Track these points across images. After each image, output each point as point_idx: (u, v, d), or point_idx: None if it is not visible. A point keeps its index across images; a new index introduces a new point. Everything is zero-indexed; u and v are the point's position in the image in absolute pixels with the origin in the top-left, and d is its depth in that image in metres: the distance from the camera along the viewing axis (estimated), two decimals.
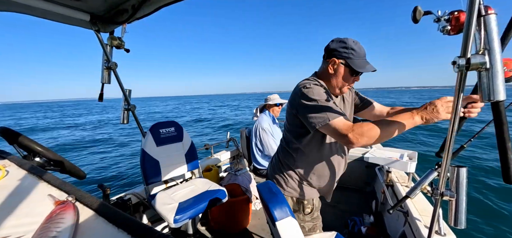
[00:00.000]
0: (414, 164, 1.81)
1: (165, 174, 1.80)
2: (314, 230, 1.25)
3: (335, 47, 1.05)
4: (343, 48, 1.04)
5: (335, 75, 1.08)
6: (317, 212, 1.26)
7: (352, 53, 1.03)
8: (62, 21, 1.42)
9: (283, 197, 0.98)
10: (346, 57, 1.04)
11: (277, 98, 2.50)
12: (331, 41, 1.09)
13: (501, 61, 0.55)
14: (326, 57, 1.10)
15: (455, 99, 0.61)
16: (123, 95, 1.79)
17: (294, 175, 1.19)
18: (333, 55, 1.06)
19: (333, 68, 1.07)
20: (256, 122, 2.46)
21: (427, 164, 5.50)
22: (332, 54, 1.07)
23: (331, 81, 1.10)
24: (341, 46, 1.04)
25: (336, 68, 1.07)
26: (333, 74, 1.08)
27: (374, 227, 1.99)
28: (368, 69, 1.05)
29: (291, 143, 1.16)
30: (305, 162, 1.16)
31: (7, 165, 0.87)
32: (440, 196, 0.72)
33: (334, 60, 1.06)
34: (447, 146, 0.66)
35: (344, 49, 1.03)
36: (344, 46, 1.03)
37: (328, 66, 1.08)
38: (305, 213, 1.21)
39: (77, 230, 0.57)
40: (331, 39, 1.10)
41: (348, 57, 1.03)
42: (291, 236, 0.88)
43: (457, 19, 0.69)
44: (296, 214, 1.22)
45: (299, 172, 1.18)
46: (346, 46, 1.03)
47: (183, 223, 1.46)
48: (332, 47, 1.07)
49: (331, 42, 1.08)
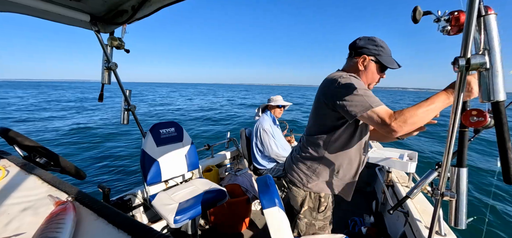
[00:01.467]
0: (414, 164, 1.81)
1: (165, 174, 1.80)
2: (323, 230, 1.26)
3: (365, 45, 1.09)
4: (373, 45, 1.08)
5: (365, 71, 1.11)
6: (330, 211, 1.27)
7: (381, 50, 1.08)
8: (62, 21, 1.42)
9: (276, 190, 1.06)
10: (376, 54, 1.08)
11: (280, 100, 2.50)
12: (358, 39, 1.12)
13: (501, 61, 0.55)
14: (354, 55, 1.12)
15: (455, 99, 0.61)
16: (123, 95, 1.79)
17: (318, 170, 1.17)
18: (363, 52, 1.09)
19: (363, 64, 1.10)
20: (257, 122, 2.46)
21: (427, 164, 5.50)
22: (361, 51, 1.10)
23: (361, 77, 1.11)
24: (371, 43, 1.09)
25: (366, 65, 1.10)
26: (363, 70, 1.11)
27: (375, 227, 1.99)
28: (395, 66, 1.11)
29: (318, 137, 1.14)
30: (332, 157, 1.14)
31: (7, 165, 0.87)
32: (440, 196, 0.72)
33: (365, 57, 1.09)
34: (447, 146, 0.66)
35: (374, 46, 1.08)
36: (374, 44, 1.08)
37: (358, 63, 1.11)
38: (319, 211, 1.22)
39: (77, 230, 0.57)
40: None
41: (378, 54, 1.08)
42: (277, 225, 0.96)
43: (457, 19, 0.69)
44: (310, 211, 1.23)
45: (324, 168, 1.16)
46: (375, 44, 1.08)
47: (183, 223, 1.46)
48: (361, 45, 1.10)
49: (359, 40, 1.11)
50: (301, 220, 1.25)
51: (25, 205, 0.68)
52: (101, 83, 1.65)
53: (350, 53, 1.15)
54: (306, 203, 1.22)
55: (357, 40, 1.12)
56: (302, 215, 1.24)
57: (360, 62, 1.10)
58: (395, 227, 1.84)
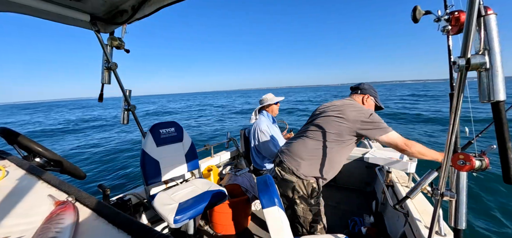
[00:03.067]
0: (414, 164, 1.81)
1: (165, 174, 1.80)
2: (319, 215, 1.46)
3: (368, 88, 1.58)
4: (373, 90, 1.60)
5: (367, 105, 1.56)
6: (321, 197, 1.50)
7: (376, 94, 1.60)
8: (62, 21, 1.42)
9: (275, 190, 1.13)
10: (375, 96, 1.60)
11: (273, 97, 2.48)
12: (363, 84, 1.60)
13: (501, 62, 0.55)
14: (360, 92, 1.58)
15: (455, 99, 0.61)
16: (123, 95, 1.78)
17: (322, 163, 1.41)
18: (367, 92, 1.58)
19: (366, 101, 1.57)
20: (254, 124, 2.44)
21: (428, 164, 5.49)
22: (366, 91, 1.58)
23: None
24: (372, 89, 1.59)
25: (367, 101, 1.57)
26: (366, 105, 1.55)
27: (374, 227, 1.99)
28: (382, 107, 1.66)
29: (329, 142, 1.39)
30: (335, 161, 1.44)
31: (7, 165, 0.87)
32: (440, 196, 0.72)
33: (368, 96, 1.58)
34: (447, 146, 0.66)
35: (373, 91, 1.59)
36: (373, 89, 1.60)
37: (364, 99, 1.57)
38: (311, 196, 1.43)
39: (77, 230, 0.57)
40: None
41: (375, 96, 1.60)
42: (276, 224, 0.97)
43: (457, 19, 0.69)
44: (304, 197, 1.43)
45: (324, 163, 1.41)
46: (374, 89, 1.60)
47: (183, 223, 1.46)
48: (366, 87, 1.59)
49: (364, 84, 1.60)
50: (298, 205, 1.43)
51: (25, 205, 0.68)
52: (101, 83, 1.65)
53: (356, 91, 1.60)
54: (299, 189, 1.42)
55: (361, 83, 1.61)
56: (298, 200, 1.43)
57: (365, 98, 1.57)
58: (395, 227, 1.84)
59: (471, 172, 0.67)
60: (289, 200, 1.46)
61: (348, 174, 2.78)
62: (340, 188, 2.82)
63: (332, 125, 1.39)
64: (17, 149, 1.09)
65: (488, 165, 0.66)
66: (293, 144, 1.49)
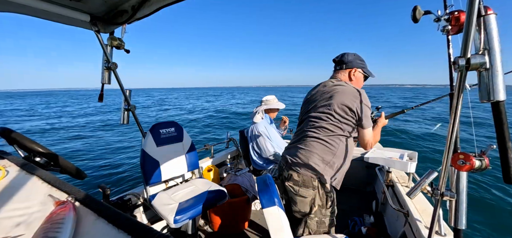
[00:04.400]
0: (414, 164, 1.81)
1: (165, 174, 1.80)
2: (332, 225, 1.32)
3: (353, 59, 1.35)
4: (359, 60, 1.36)
5: (356, 80, 1.37)
6: (335, 205, 1.34)
7: (364, 64, 1.38)
8: (62, 21, 1.42)
9: (275, 189, 1.09)
10: (362, 66, 1.37)
11: (275, 101, 2.48)
12: (346, 55, 1.36)
13: (501, 61, 0.55)
14: (345, 67, 1.35)
15: (455, 99, 0.61)
16: (123, 95, 1.79)
17: (330, 168, 1.26)
18: (352, 65, 1.34)
19: (354, 75, 1.36)
20: (251, 126, 2.45)
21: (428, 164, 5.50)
22: (351, 65, 1.34)
23: (353, 85, 1.33)
24: (358, 58, 1.36)
25: (356, 75, 1.36)
26: (354, 80, 1.36)
27: (375, 227, 1.99)
28: (372, 75, 1.44)
29: (334, 135, 1.25)
30: (339, 157, 1.28)
31: (7, 165, 0.87)
32: (440, 196, 0.72)
33: (355, 69, 1.35)
34: (447, 146, 0.66)
35: (359, 61, 1.36)
36: (359, 59, 1.36)
37: (350, 74, 1.36)
38: (327, 207, 1.28)
39: (77, 230, 0.57)
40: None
41: (363, 67, 1.37)
42: (276, 224, 0.96)
43: (457, 19, 0.69)
44: (320, 209, 1.27)
45: (335, 167, 1.27)
46: (360, 59, 1.37)
47: (183, 223, 1.46)
48: (350, 59, 1.35)
49: (347, 56, 1.35)
50: (312, 219, 1.27)
51: (25, 205, 0.68)
52: (101, 83, 1.65)
53: (341, 66, 1.37)
54: (316, 203, 1.25)
55: (344, 55, 1.36)
56: (313, 215, 1.26)
57: (352, 73, 1.35)
58: (395, 227, 1.84)
59: (471, 172, 0.67)
60: (303, 215, 1.29)
61: (348, 174, 2.77)
62: (340, 188, 2.81)
63: (330, 120, 1.24)
64: (17, 149, 1.09)
65: (488, 165, 0.66)
66: (301, 152, 1.28)
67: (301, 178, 1.24)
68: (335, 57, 1.41)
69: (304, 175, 1.24)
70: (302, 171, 1.24)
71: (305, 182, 1.24)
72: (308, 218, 1.27)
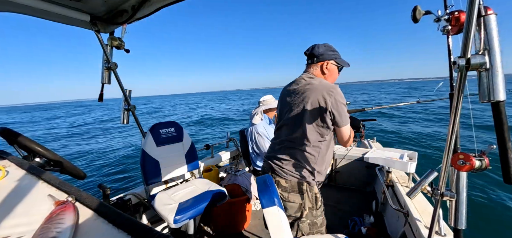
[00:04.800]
0: (414, 164, 1.81)
1: (165, 174, 1.80)
2: (323, 224, 1.31)
3: (324, 51, 1.26)
4: (330, 51, 1.27)
5: (329, 74, 1.29)
6: (323, 204, 1.33)
7: (337, 54, 1.29)
8: (62, 21, 1.42)
9: (275, 189, 1.08)
10: (334, 58, 1.28)
11: (273, 101, 2.48)
12: (317, 47, 1.28)
13: (501, 62, 0.55)
14: (316, 61, 1.27)
15: (455, 99, 0.61)
16: (123, 95, 1.79)
17: (316, 171, 1.24)
18: (324, 58, 1.26)
19: (327, 68, 1.28)
20: (251, 127, 2.45)
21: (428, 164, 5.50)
22: (323, 57, 1.26)
23: (326, 79, 1.28)
24: (329, 49, 1.27)
25: (328, 68, 1.28)
26: (327, 74, 1.29)
27: (374, 227, 1.99)
28: (347, 65, 1.35)
29: (315, 140, 1.21)
30: (322, 157, 1.25)
31: (7, 165, 0.87)
32: (440, 196, 0.72)
33: (327, 62, 1.27)
34: (447, 146, 0.66)
35: (331, 52, 1.27)
36: (331, 49, 1.28)
37: (323, 67, 1.28)
38: (317, 208, 1.28)
39: (77, 230, 0.57)
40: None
41: (336, 58, 1.29)
42: (276, 224, 0.96)
43: (457, 19, 0.69)
44: (310, 211, 1.25)
45: (319, 168, 1.25)
46: (332, 49, 1.28)
47: (183, 223, 1.46)
48: (321, 52, 1.26)
49: (317, 48, 1.27)
50: (303, 223, 1.26)
51: (25, 205, 0.68)
52: (101, 83, 1.65)
53: (312, 60, 1.29)
54: (307, 206, 1.24)
55: (315, 48, 1.28)
56: (305, 217, 1.25)
57: (324, 66, 1.27)
58: (395, 227, 1.84)
59: (471, 172, 0.67)
60: (295, 219, 1.28)
61: (348, 174, 2.78)
62: (340, 188, 2.82)
63: (307, 125, 1.20)
64: (17, 149, 1.09)
65: (488, 165, 0.66)
66: (284, 160, 1.26)
67: (289, 184, 1.24)
68: (306, 50, 1.32)
69: (292, 181, 1.23)
70: (289, 178, 1.24)
71: (293, 187, 1.24)
72: (300, 221, 1.26)
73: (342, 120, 1.16)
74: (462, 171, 0.67)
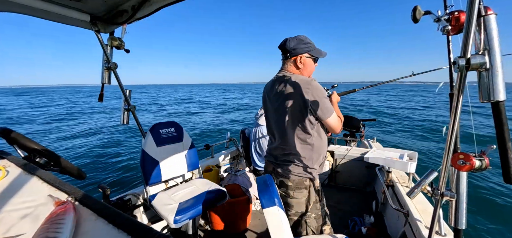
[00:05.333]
0: (414, 164, 1.81)
1: (165, 174, 1.80)
2: (327, 216, 1.35)
3: (296, 45, 1.22)
4: (303, 44, 1.22)
5: (304, 67, 1.26)
6: (324, 198, 1.39)
7: (310, 46, 1.24)
8: (62, 21, 1.42)
9: (275, 189, 1.09)
10: (307, 50, 1.24)
11: None
12: (288, 42, 1.23)
13: (501, 62, 0.55)
14: (290, 56, 1.24)
15: (455, 99, 0.61)
16: (123, 95, 1.79)
17: (314, 165, 1.25)
18: (297, 52, 1.22)
19: (301, 62, 1.24)
20: (255, 127, 2.45)
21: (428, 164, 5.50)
22: (295, 52, 1.22)
23: (303, 73, 1.26)
24: (301, 43, 1.22)
25: (303, 62, 1.24)
26: (302, 68, 1.25)
27: (375, 227, 1.99)
28: (323, 55, 1.30)
29: (304, 139, 1.22)
30: (317, 151, 1.25)
31: (7, 165, 0.87)
32: (440, 196, 0.72)
33: (300, 56, 1.23)
34: (447, 146, 0.66)
35: (304, 45, 1.22)
36: (303, 42, 1.23)
37: (297, 62, 1.24)
38: (319, 200, 1.31)
39: (77, 230, 0.57)
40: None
41: (309, 50, 1.24)
42: (276, 224, 0.97)
43: (457, 19, 0.69)
44: (314, 205, 1.28)
45: (316, 162, 1.26)
46: (304, 42, 1.23)
47: (183, 223, 1.46)
48: (293, 46, 1.22)
49: (289, 42, 1.23)
50: (310, 217, 1.28)
51: (25, 205, 0.68)
52: (101, 83, 1.65)
53: (285, 55, 1.25)
54: (311, 200, 1.27)
55: (287, 42, 1.23)
56: (310, 212, 1.28)
57: (298, 61, 1.23)
58: (395, 227, 1.84)
59: (471, 172, 0.67)
60: (301, 216, 1.29)
61: (348, 174, 2.78)
62: (340, 188, 2.82)
63: (294, 121, 1.20)
64: (17, 149, 1.09)
65: (488, 165, 0.66)
66: (283, 158, 1.28)
67: (293, 182, 1.26)
68: (279, 45, 1.28)
69: (295, 178, 1.25)
70: (292, 176, 1.25)
71: (297, 184, 1.25)
72: (305, 217, 1.28)
73: (324, 113, 1.14)
74: (462, 171, 0.67)
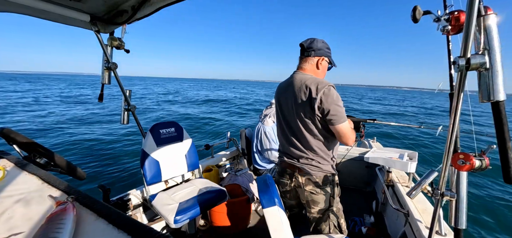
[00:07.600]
0: (415, 164, 1.81)
1: (165, 174, 1.80)
2: (341, 208, 1.38)
3: (322, 47, 1.26)
4: (327, 48, 1.28)
5: (321, 70, 1.29)
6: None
7: (330, 52, 1.30)
8: (62, 22, 1.42)
9: (275, 189, 1.09)
10: (328, 55, 1.29)
11: None
12: (315, 41, 1.26)
13: (501, 61, 0.55)
14: (313, 55, 1.26)
15: (455, 99, 0.61)
16: (123, 95, 1.79)
17: (333, 159, 1.31)
18: (321, 54, 1.26)
19: (320, 64, 1.28)
20: (259, 124, 2.45)
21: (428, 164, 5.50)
22: (320, 53, 1.26)
23: (318, 75, 1.29)
24: (326, 46, 1.28)
25: (322, 64, 1.29)
26: (319, 70, 1.29)
27: (375, 227, 1.99)
28: (335, 65, 1.37)
29: (325, 134, 1.24)
30: (334, 144, 1.30)
31: (7, 165, 0.87)
32: (440, 196, 0.72)
33: (323, 58, 1.27)
34: (447, 146, 0.66)
35: (327, 49, 1.28)
36: (326, 47, 1.28)
37: (318, 63, 1.27)
38: (338, 194, 1.34)
39: (77, 230, 0.57)
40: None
41: (329, 56, 1.30)
42: (276, 224, 0.97)
43: (457, 19, 0.69)
44: (337, 198, 1.33)
45: (334, 155, 1.31)
46: (328, 47, 1.29)
47: (183, 223, 1.46)
48: (319, 47, 1.25)
49: (316, 42, 1.26)
50: (332, 212, 1.31)
51: (25, 205, 0.68)
52: (101, 83, 1.65)
53: (309, 53, 1.26)
54: (335, 194, 1.31)
55: (314, 41, 1.26)
56: (334, 206, 1.31)
57: (319, 62, 1.27)
58: (395, 227, 1.84)
59: (471, 171, 0.67)
60: (325, 211, 1.31)
61: (348, 174, 2.78)
62: (340, 188, 2.82)
63: (314, 121, 1.21)
64: (17, 149, 1.09)
65: (488, 164, 0.66)
66: (304, 156, 1.28)
67: (320, 179, 1.27)
68: (303, 42, 1.29)
69: (321, 174, 1.27)
70: (316, 173, 1.26)
71: (323, 180, 1.27)
72: (329, 211, 1.31)
73: (338, 119, 1.16)
74: (462, 171, 0.67)
